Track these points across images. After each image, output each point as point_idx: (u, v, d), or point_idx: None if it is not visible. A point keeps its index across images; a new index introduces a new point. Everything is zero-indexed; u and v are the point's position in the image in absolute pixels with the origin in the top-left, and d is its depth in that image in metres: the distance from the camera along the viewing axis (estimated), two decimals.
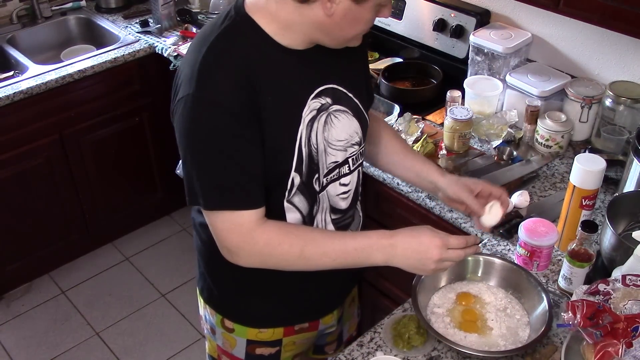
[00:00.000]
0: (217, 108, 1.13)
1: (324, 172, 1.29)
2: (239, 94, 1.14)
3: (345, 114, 1.30)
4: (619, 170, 1.71)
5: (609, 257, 1.40)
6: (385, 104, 2.15)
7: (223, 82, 1.13)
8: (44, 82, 2.48)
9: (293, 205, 1.28)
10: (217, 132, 1.14)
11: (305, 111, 1.23)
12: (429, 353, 1.32)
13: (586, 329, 1.14)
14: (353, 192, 1.41)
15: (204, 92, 1.13)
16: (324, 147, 1.27)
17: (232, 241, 1.20)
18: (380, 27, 2.46)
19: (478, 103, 2.01)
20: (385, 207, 2.00)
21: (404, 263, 1.23)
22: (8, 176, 2.57)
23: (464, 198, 1.39)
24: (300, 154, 1.23)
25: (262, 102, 1.16)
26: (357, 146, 1.35)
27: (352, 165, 1.36)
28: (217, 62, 1.15)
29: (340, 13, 1.12)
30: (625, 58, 1.92)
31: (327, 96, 1.26)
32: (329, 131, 1.27)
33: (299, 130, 1.22)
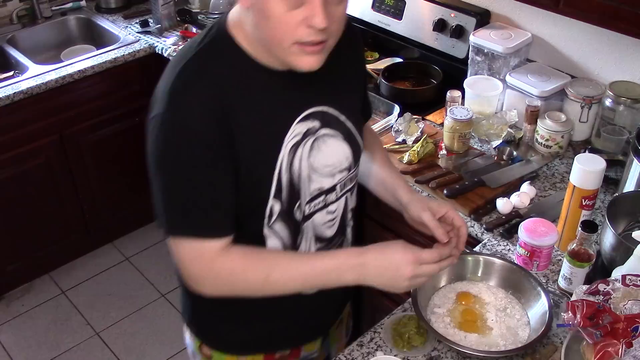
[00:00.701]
0: (184, 132, 1.08)
1: (306, 199, 1.23)
2: (210, 119, 1.08)
3: (334, 139, 1.24)
4: (619, 170, 1.71)
5: (609, 257, 1.40)
6: (385, 104, 2.15)
7: (194, 105, 1.08)
8: (44, 82, 2.48)
9: (274, 233, 1.23)
10: (182, 158, 1.09)
11: (288, 136, 1.16)
12: (429, 353, 1.32)
13: (586, 329, 1.14)
14: (340, 218, 1.33)
15: (172, 115, 1.08)
16: (307, 174, 1.21)
17: (194, 270, 1.16)
18: (380, 27, 2.46)
19: (478, 103, 2.01)
20: (385, 207, 1.99)
21: (376, 281, 1.17)
22: (8, 176, 2.57)
23: (425, 220, 1.28)
24: (280, 181, 1.17)
25: (237, 127, 1.10)
26: (347, 171, 1.28)
27: (340, 191, 1.29)
28: (190, 84, 1.10)
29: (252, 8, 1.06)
30: (625, 58, 1.92)
31: (315, 119, 1.20)
32: (315, 156, 1.21)
33: (280, 157, 1.16)
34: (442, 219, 1.29)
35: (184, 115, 1.08)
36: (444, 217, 1.29)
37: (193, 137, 1.08)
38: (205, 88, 1.09)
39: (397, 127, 1.97)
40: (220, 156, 1.10)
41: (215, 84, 1.10)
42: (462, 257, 1.46)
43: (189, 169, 1.10)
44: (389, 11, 2.42)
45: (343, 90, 1.26)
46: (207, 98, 1.09)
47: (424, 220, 1.28)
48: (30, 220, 2.73)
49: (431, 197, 1.34)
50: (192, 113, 1.08)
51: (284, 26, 1.03)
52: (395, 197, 1.37)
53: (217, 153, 1.10)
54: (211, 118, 1.08)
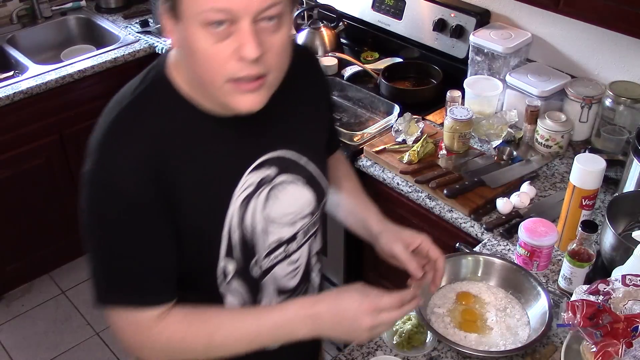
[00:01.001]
0: (114, 193, 0.97)
1: (263, 254, 1.13)
2: (143, 177, 0.97)
3: (294, 185, 1.13)
4: (619, 170, 1.71)
5: (609, 257, 1.40)
6: (385, 104, 2.15)
7: (125, 162, 0.97)
8: (44, 82, 2.48)
9: (231, 292, 1.13)
10: (112, 221, 0.99)
11: (238, 189, 1.05)
12: (429, 353, 1.32)
13: (586, 329, 1.14)
14: (303, 266, 1.23)
15: (101, 173, 0.98)
16: (263, 227, 1.10)
17: (131, 340, 1.06)
18: (380, 27, 2.46)
19: (478, 103, 2.01)
20: (385, 207, 1.99)
21: (333, 333, 1.07)
22: (8, 176, 2.57)
23: (397, 252, 1.19)
24: (230, 239, 1.07)
25: (178, 185, 1.00)
26: (309, 217, 1.17)
27: (302, 238, 1.19)
28: (122, 138, 0.99)
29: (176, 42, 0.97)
30: (625, 58, 1.92)
31: (271, 166, 1.09)
32: (272, 207, 1.10)
33: (228, 213, 1.05)
34: (416, 251, 1.20)
35: (114, 174, 0.97)
36: (419, 248, 1.20)
37: (124, 199, 0.97)
38: (139, 142, 0.98)
39: (397, 127, 1.97)
40: (156, 218, 1.00)
41: (151, 137, 0.99)
42: (462, 257, 1.47)
43: (120, 233, 1.00)
44: (389, 11, 2.42)
45: (303, 130, 1.16)
46: (142, 153, 0.98)
47: (396, 253, 1.19)
48: (30, 220, 2.73)
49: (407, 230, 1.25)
50: (123, 171, 0.97)
51: (213, 61, 0.93)
52: (366, 227, 1.28)
53: (152, 215, 1.00)
54: (145, 176, 0.98)
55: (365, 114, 2.18)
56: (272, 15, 0.91)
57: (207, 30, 0.90)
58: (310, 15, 2.68)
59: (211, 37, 0.91)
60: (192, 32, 0.91)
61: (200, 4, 0.89)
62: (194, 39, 0.91)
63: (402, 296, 1.09)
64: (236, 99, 0.96)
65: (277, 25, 0.93)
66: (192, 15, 0.90)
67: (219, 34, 0.90)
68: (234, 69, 0.92)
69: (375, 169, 1.92)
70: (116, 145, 0.99)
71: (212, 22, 0.89)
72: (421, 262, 1.20)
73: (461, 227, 1.70)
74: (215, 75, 0.94)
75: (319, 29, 2.49)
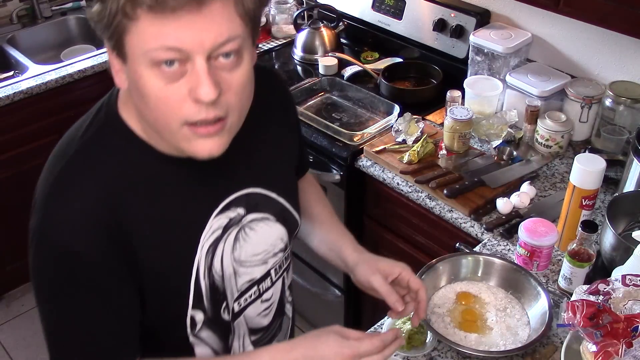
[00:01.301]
0: (64, 255, 0.88)
1: (234, 297, 1.06)
2: (96, 234, 0.89)
3: (264, 222, 1.06)
4: (619, 170, 1.71)
5: (609, 257, 1.40)
6: (385, 104, 2.15)
7: (75, 220, 0.88)
8: (44, 82, 2.48)
9: (201, 340, 1.06)
10: (63, 284, 0.90)
11: (204, 236, 0.98)
12: (429, 353, 1.31)
13: (586, 329, 1.14)
14: (277, 302, 1.17)
15: (49, 232, 0.89)
16: (233, 271, 1.04)
17: None
18: (380, 27, 2.46)
19: (478, 103, 2.01)
20: (385, 207, 2.00)
21: None
22: (8, 176, 2.57)
23: (376, 285, 1.11)
24: (199, 288, 0.99)
25: (136, 238, 0.92)
26: (282, 253, 1.12)
27: (275, 275, 1.13)
28: (70, 191, 0.89)
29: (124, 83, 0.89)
30: (625, 58, 1.92)
31: (238, 206, 1.02)
32: (242, 248, 1.04)
33: (195, 262, 0.97)
34: (395, 281, 1.14)
35: (62, 233, 0.88)
36: (398, 279, 1.14)
37: (75, 260, 0.88)
38: (89, 195, 0.89)
39: (397, 127, 1.97)
40: (113, 277, 0.92)
41: (103, 188, 0.90)
42: (462, 257, 1.46)
43: (73, 297, 0.91)
44: (389, 11, 2.42)
45: (271, 163, 1.09)
46: (93, 208, 0.89)
47: (374, 285, 1.12)
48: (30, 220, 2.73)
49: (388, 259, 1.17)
50: (73, 230, 0.88)
51: (166, 104, 0.83)
52: (341, 258, 1.20)
53: (108, 274, 0.91)
54: (98, 233, 0.89)
55: (365, 114, 2.18)
56: (230, 51, 0.83)
57: (158, 70, 0.81)
58: (310, 15, 2.68)
59: (162, 77, 0.82)
60: (140, 73, 0.83)
61: (147, 42, 0.80)
62: (144, 80, 0.83)
63: (383, 338, 1.00)
64: (194, 144, 0.87)
65: (235, 61, 0.85)
66: (139, 55, 0.81)
67: (170, 74, 0.82)
68: (190, 113, 0.84)
69: (375, 169, 1.92)
70: (64, 200, 0.89)
71: (162, 61, 0.81)
72: (401, 292, 1.14)
73: (461, 227, 1.70)
74: (169, 120, 0.85)
75: (319, 29, 2.49)
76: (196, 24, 0.79)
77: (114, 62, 0.88)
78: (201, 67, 0.81)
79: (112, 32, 0.83)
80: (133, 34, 0.81)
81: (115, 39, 0.83)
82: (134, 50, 0.82)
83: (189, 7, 0.78)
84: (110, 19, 0.81)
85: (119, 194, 0.91)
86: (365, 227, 2.12)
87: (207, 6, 0.79)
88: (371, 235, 2.11)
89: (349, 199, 2.06)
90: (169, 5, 0.77)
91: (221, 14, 0.81)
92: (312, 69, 2.44)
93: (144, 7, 0.78)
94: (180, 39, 0.79)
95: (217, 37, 0.81)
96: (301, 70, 2.48)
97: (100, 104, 0.98)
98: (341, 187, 2.04)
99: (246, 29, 0.85)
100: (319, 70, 2.39)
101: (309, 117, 2.11)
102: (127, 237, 0.91)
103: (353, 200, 2.07)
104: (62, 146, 0.95)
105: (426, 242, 1.91)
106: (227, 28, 0.82)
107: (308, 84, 2.29)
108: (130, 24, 0.80)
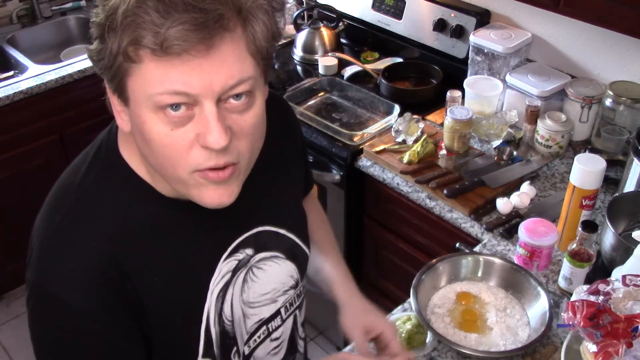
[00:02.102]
0: (66, 310, 0.83)
1: (244, 340, 1.02)
2: (100, 289, 0.83)
3: (274, 260, 1.02)
4: (619, 170, 1.71)
5: (609, 257, 1.40)
6: (385, 104, 2.15)
7: (77, 275, 0.83)
8: (44, 82, 2.48)
9: None
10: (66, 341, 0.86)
11: (213, 281, 0.93)
12: (429, 353, 1.31)
13: (586, 329, 1.14)
14: (288, 340, 1.12)
15: (50, 288, 0.83)
16: (242, 314, 0.99)
17: None
18: (380, 27, 2.46)
19: (478, 103, 2.01)
20: (385, 207, 2.00)
21: None
22: (8, 176, 2.57)
23: (354, 336, 1.11)
24: (209, 336, 0.95)
25: (142, 289, 0.87)
26: (293, 290, 1.07)
27: (285, 313, 1.08)
28: (70, 244, 0.84)
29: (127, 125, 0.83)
30: (625, 58, 1.92)
31: (247, 247, 0.98)
32: (249, 290, 1.00)
33: (205, 309, 0.93)
34: (376, 339, 1.13)
35: (65, 289, 0.83)
36: (380, 337, 1.12)
37: (76, 317, 0.83)
38: (91, 248, 0.84)
39: (397, 127, 1.97)
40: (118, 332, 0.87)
41: (107, 240, 0.85)
42: (462, 257, 1.46)
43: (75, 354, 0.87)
44: (389, 11, 2.42)
45: (281, 198, 1.04)
46: (95, 261, 0.83)
47: (352, 336, 1.12)
48: (30, 220, 2.70)
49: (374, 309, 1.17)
50: (76, 286, 0.83)
51: (172, 151, 0.78)
52: (331, 292, 1.18)
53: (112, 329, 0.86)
54: (102, 288, 0.84)
55: (365, 114, 2.18)
56: (241, 92, 0.78)
57: (163, 114, 0.76)
58: (310, 15, 2.68)
59: (168, 122, 0.76)
60: (144, 118, 0.77)
61: (152, 86, 0.74)
62: (148, 126, 0.77)
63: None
64: (203, 192, 0.81)
65: (247, 102, 0.79)
66: (143, 98, 0.76)
67: (177, 119, 0.76)
68: (199, 160, 0.78)
69: (375, 169, 1.92)
70: (64, 254, 0.84)
71: (167, 105, 0.75)
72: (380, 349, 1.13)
73: (461, 227, 1.70)
74: (176, 167, 0.79)
75: (319, 29, 2.49)
76: (204, 66, 0.74)
77: (115, 103, 0.82)
78: (210, 112, 0.75)
79: (113, 74, 0.77)
80: (136, 76, 0.75)
81: (117, 81, 0.78)
82: (137, 94, 0.77)
83: (196, 50, 0.72)
84: (112, 60, 0.76)
85: (122, 244, 0.86)
86: (365, 227, 2.12)
87: (217, 47, 0.74)
88: (371, 235, 2.11)
89: (349, 199, 2.06)
90: (175, 49, 0.72)
91: (232, 54, 0.75)
92: (312, 69, 2.44)
93: (148, 50, 0.73)
94: (187, 83, 0.74)
95: (227, 79, 0.75)
96: (301, 70, 2.48)
97: (100, 142, 0.91)
98: (341, 187, 2.04)
99: (258, 68, 0.80)
100: (319, 70, 2.39)
101: (309, 117, 2.10)
102: (132, 289, 0.86)
103: (353, 200, 2.07)
104: (60, 191, 0.90)
105: (426, 242, 1.91)
106: (238, 69, 0.76)
107: (308, 84, 2.29)
108: (133, 67, 0.75)
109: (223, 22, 0.73)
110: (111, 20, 0.74)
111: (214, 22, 0.72)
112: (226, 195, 0.82)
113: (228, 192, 0.82)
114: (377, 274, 2.18)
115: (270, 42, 0.80)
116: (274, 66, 2.42)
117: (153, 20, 0.71)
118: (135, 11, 0.72)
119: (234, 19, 0.75)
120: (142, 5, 0.72)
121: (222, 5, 0.73)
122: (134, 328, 0.88)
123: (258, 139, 0.84)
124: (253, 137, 0.82)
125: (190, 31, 0.71)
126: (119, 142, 0.89)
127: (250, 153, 0.83)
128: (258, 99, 0.81)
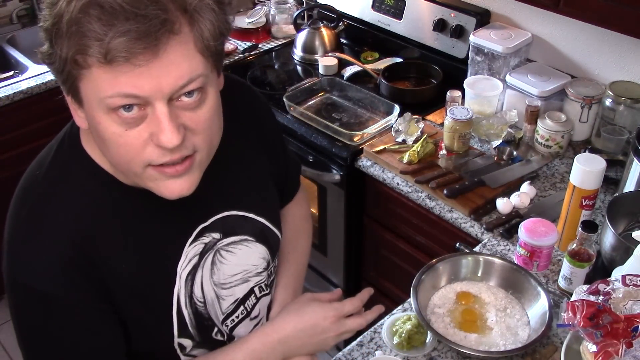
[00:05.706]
0: (37, 300, 0.87)
1: (219, 320, 1.06)
2: (71, 275, 0.86)
3: (243, 244, 1.05)
4: (619, 170, 1.71)
5: (609, 257, 1.40)
6: (385, 104, 2.15)
7: (43, 261, 0.86)
8: (44, 82, 2.48)
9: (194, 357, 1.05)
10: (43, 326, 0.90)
11: (181, 265, 0.96)
12: (429, 353, 1.31)
13: (586, 329, 1.14)
14: (266, 318, 1.16)
15: (22, 277, 0.87)
16: (215, 295, 1.02)
17: None
18: (380, 27, 2.46)
19: (478, 103, 2.01)
20: (385, 207, 2.00)
21: (303, 351, 1.05)
22: (8, 176, 2.56)
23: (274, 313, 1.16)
24: (182, 318, 0.98)
25: (111, 275, 0.89)
26: (265, 271, 1.11)
27: (259, 293, 1.11)
28: (37, 236, 0.86)
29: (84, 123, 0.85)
30: (625, 58, 1.92)
31: (214, 232, 1.00)
32: (219, 272, 1.02)
33: (175, 292, 0.96)
34: None
35: (36, 277, 0.86)
36: None
37: (51, 302, 0.87)
38: (58, 239, 0.86)
39: (397, 127, 1.97)
40: (92, 315, 0.90)
41: (73, 230, 0.87)
42: (462, 257, 1.46)
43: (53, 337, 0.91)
44: (389, 11, 2.42)
45: (248, 183, 1.06)
46: (62, 252, 0.86)
47: None
48: None
49: None
50: (46, 273, 0.86)
51: (127, 150, 0.80)
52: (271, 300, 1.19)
53: (87, 312, 0.90)
54: (73, 274, 0.87)
55: (365, 114, 2.18)
56: (192, 89, 0.79)
57: (115, 115, 0.77)
58: (310, 15, 2.68)
59: (121, 122, 0.78)
60: (98, 119, 0.78)
61: (102, 90, 0.75)
62: (102, 126, 0.78)
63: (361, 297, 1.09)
64: (161, 185, 0.84)
65: (199, 99, 0.80)
66: (95, 101, 0.77)
67: (129, 119, 0.77)
68: (153, 156, 0.80)
69: (375, 169, 1.92)
70: (31, 246, 0.87)
71: (119, 106, 0.76)
72: None
73: (461, 227, 1.70)
74: (132, 163, 0.81)
75: (319, 29, 2.49)
76: (153, 70, 0.74)
77: (70, 104, 0.84)
78: (162, 113, 0.77)
79: (65, 78, 0.78)
80: (87, 81, 0.76)
81: (69, 84, 0.79)
82: (89, 97, 0.78)
83: (143, 57, 0.73)
84: (62, 64, 0.76)
85: (89, 234, 0.88)
86: (365, 227, 2.12)
87: (164, 50, 0.74)
88: (371, 235, 2.11)
89: (349, 199, 2.06)
90: (120, 60, 0.72)
91: (180, 55, 0.76)
92: (312, 69, 2.44)
93: (94, 59, 0.73)
94: (137, 86, 0.74)
95: (177, 80, 0.76)
96: (301, 70, 2.48)
97: (63, 136, 0.94)
98: (341, 187, 2.04)
99: (208, 64, 0.81)
100: (319, 70, 2.39)
101: (308, 117, 2.11)
102: (101, 274, 0.89)
103: (353, 200, 2.07)
104: (26, 184, 0.91)
105: (426, 242, 1.91)
106: (187, 68, 0.77)
107: (308, 84, 2.29)
108: (83, 72, 0.76)
109: (167, 26, 0.74)
110: (57, 28, 0.74)
111: (157, 29, 0.72)
112: (186, 186, 0.85)
113: (188, 183, 0.85)
114: (377, 273, 2.18)
115: (218, 39, 0.81)
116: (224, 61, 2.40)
117: (96, 30, 0.71)
118: (78, 20, 0.72)
119: (180, 20, 0.76)
120: (84, 15, 0.72)
121: (165, 9, 0.73)
122: (107, 311, 0.91)
123: (216, 131, 0.87)
124: (210, 130, 0.84)
125: (133, 41, 0.71)
126: (81, 135, 0.91)
127: (209, 145, 0.86)
128: (210, 94, 0.83)
